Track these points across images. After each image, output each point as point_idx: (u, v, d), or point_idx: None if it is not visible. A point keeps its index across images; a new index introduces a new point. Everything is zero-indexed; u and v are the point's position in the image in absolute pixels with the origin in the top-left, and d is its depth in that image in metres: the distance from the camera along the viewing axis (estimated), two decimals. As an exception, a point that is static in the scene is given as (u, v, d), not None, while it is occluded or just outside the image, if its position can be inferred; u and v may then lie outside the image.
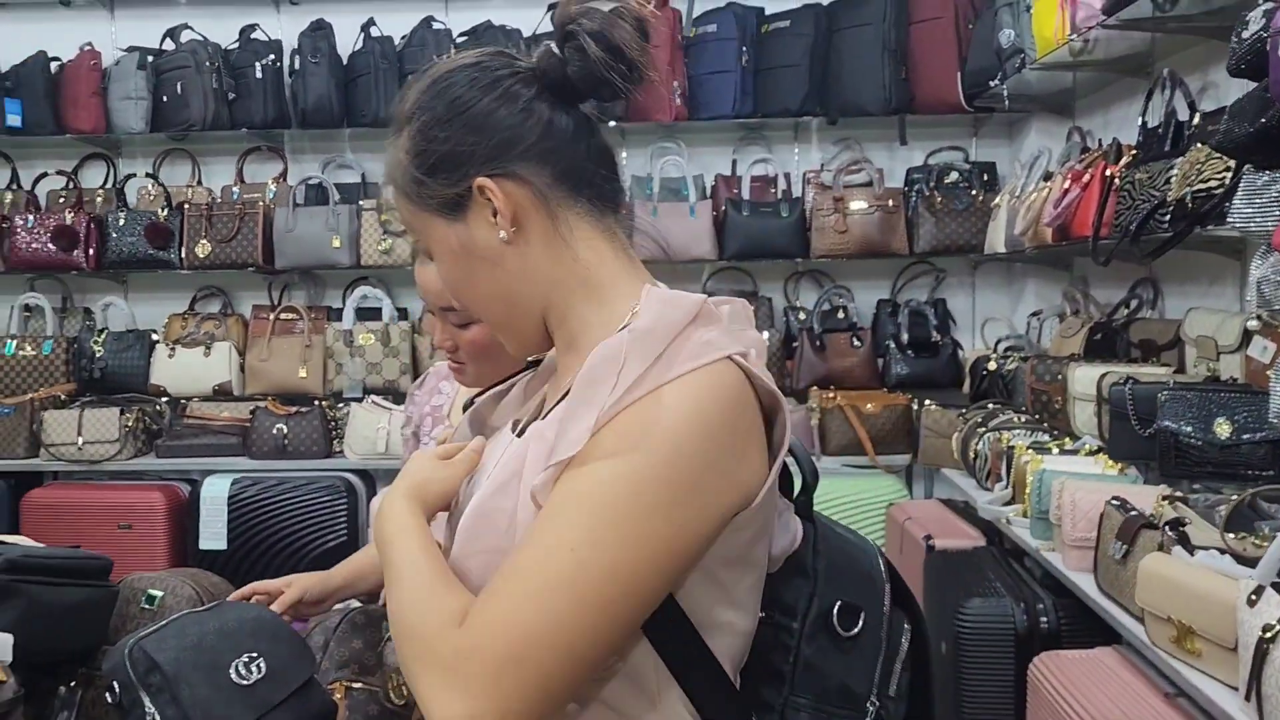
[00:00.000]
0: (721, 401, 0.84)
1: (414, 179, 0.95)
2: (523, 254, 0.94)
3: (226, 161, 4.27)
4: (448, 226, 0.95)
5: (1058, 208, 2.79)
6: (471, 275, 0.96)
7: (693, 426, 0.82)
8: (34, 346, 4.04)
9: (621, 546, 0.79)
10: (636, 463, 0.80)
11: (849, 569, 0.93)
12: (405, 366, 3.94)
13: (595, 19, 0.89)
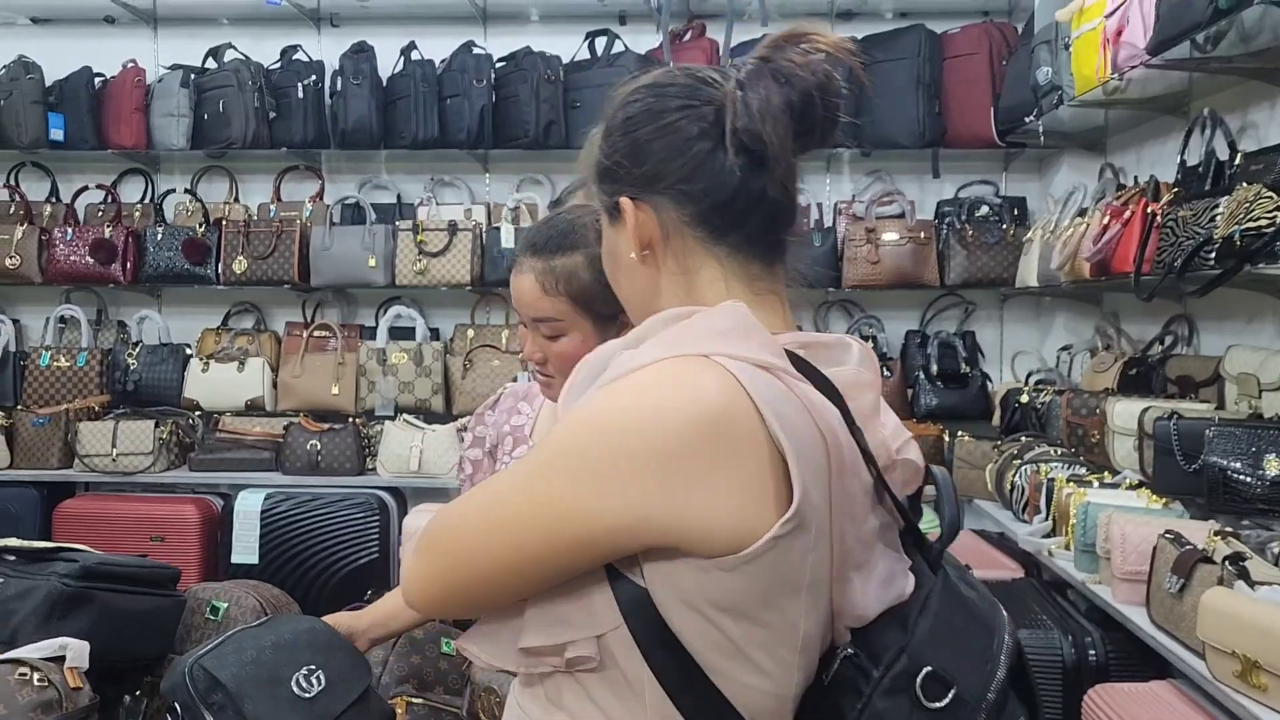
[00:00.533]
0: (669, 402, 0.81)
1: (595, 173, 1.00)
2: (650, 274, 0.98)
3: (263, 179, 4.31)
4: (607, 225, 1.01)
5: (1098, 243, 2.82)
6: (615, 273, 1.02)
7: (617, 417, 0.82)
8: (69, 358, 4.07)
9: (522, 492, 0.86)
10: (559, 430, 0.85)
11: (957, 638, 0.85)
12: (437, 386, 3.97)
13: (785, 77, 0.89)
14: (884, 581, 0.87)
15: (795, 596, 0.82)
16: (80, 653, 1.47)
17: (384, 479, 3.78)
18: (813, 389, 0.85)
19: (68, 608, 1.53)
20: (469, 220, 4.03)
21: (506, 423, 1.68)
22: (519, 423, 1.68)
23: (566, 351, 1.52)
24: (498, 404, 1.73)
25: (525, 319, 1.56)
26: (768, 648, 0.82)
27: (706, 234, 0.95)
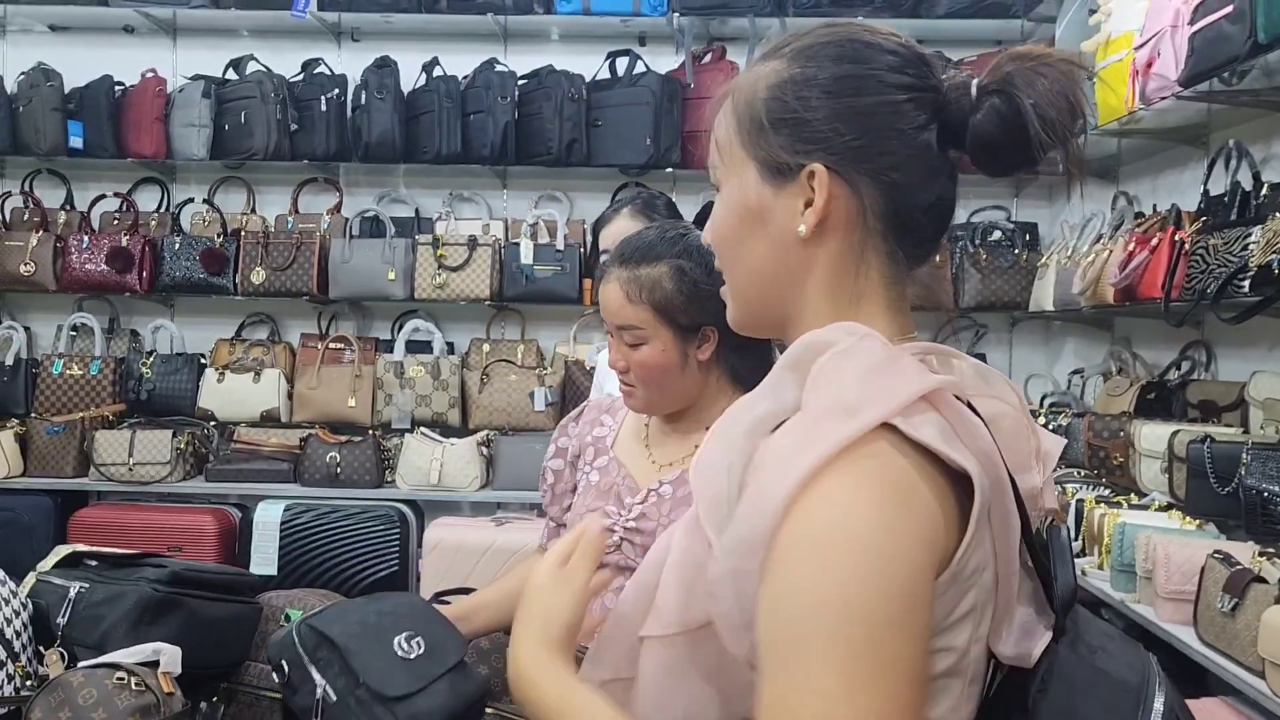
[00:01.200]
0: (886, 552, 0.71)
1: (757, 118, 0.85)
2: (808, 256, 0.85)
3: (281, 191, 4.32)
4: (758, 182, 0.86)
5: (1124, 270, 2.88)
6: (746, 239, 0.87)
7: (856, 589, 0.71)
8: (81, 366, 4.05)
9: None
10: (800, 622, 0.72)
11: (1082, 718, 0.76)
12: (454, 400, 3.98)
13: (1033, 92, 0.80)
14: (1024, 631, 0.80)
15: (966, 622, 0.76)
16: (174, 658, 1.48)
17: (403, 492, 3.79)
18: (971, 415, 0.78)
19: (157, 613, 1.53)
20: (488, 235, 4.06)
21: (589, 434, 1.71)
22: (601, 434, 1.71)
23: (646, 360, 1.56)
24: (581, 416, 1.76)
25: (610, 327, 1.60)
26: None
27: (887, 231, 0.84)
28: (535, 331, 4.24)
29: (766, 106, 0.85)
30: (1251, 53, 2.29)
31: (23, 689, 1.47)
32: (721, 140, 0.89)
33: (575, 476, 1.70)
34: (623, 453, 1.66)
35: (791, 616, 0.68)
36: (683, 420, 1.66)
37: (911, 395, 0.73)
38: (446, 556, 3.28)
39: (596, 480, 1.67)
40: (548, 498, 1.73)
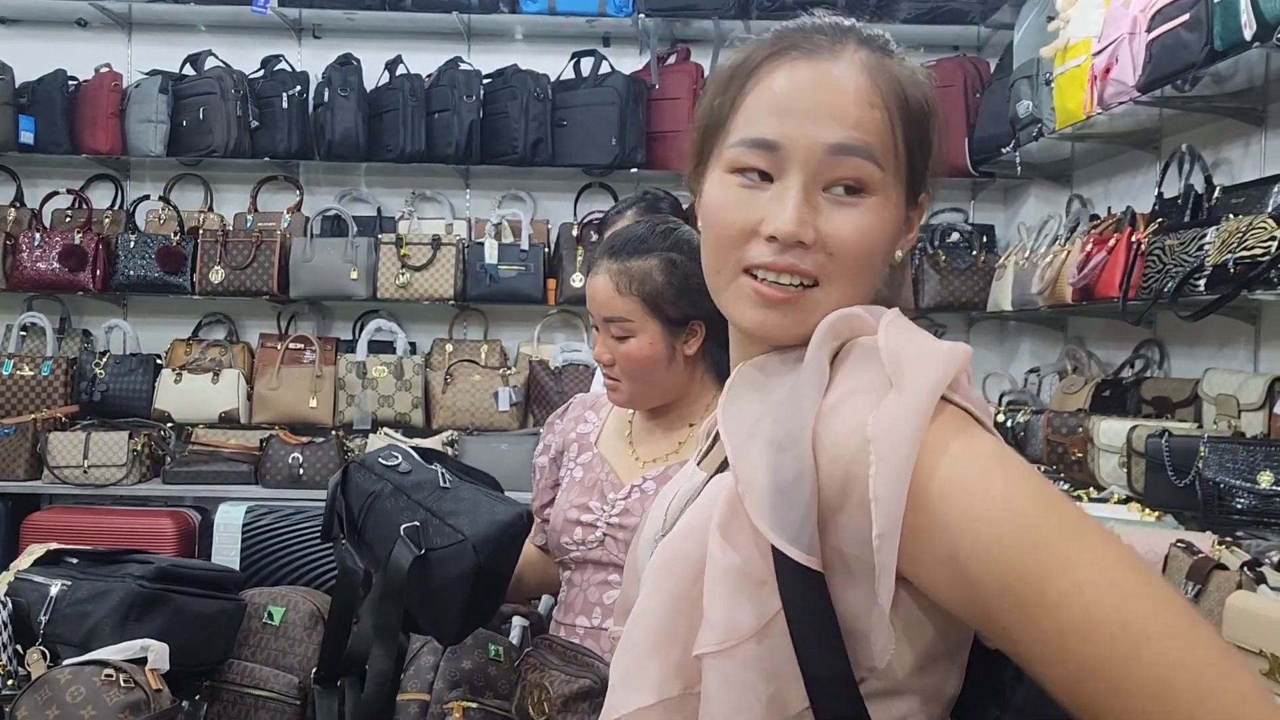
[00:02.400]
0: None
1: (930, 136, 0.85)
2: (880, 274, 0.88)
3: (239, 189, 4.26)
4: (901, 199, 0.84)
5: (1082, 270, 2.96)
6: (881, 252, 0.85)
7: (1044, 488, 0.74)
8: (32, 367, 3.96)
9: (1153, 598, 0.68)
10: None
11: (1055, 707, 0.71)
12: (417, 400, 3.96)
13: None
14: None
15: None
16: (161, 654, 1.46)
17: (367, 492, 3.75)
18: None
19: (144, 610, 1.51)
20: (451, 235, 4.04)
21: (573, 430, 1.72)
22: (585, 430, 1.72)
23: (633, 353, 1.57)
24: (566, 412, 1.77)
25: (597, 320, 1.61)
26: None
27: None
28: (499, 332, 4.23)
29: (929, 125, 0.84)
30: (1208, 60, 2.37)
31: (3, 689, 1.45)
32: (894, 143, 0.81)
33: (559, 473, 1.71)
34: (606, 449, 1.67)
35: (1030, 521, 0.67)
36: (666, 416, 1.68)
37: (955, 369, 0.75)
38: (413, 557, 3.26)
39: (580, 476, 1.68)
40: (533, 493, 1.75)
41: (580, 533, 1.60)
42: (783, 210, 0.78)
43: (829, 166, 0.79)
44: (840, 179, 0.79)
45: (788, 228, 0.78)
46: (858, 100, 0.79)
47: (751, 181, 0.81)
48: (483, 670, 1.84)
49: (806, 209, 0.78)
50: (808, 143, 0.78)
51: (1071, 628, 0.64)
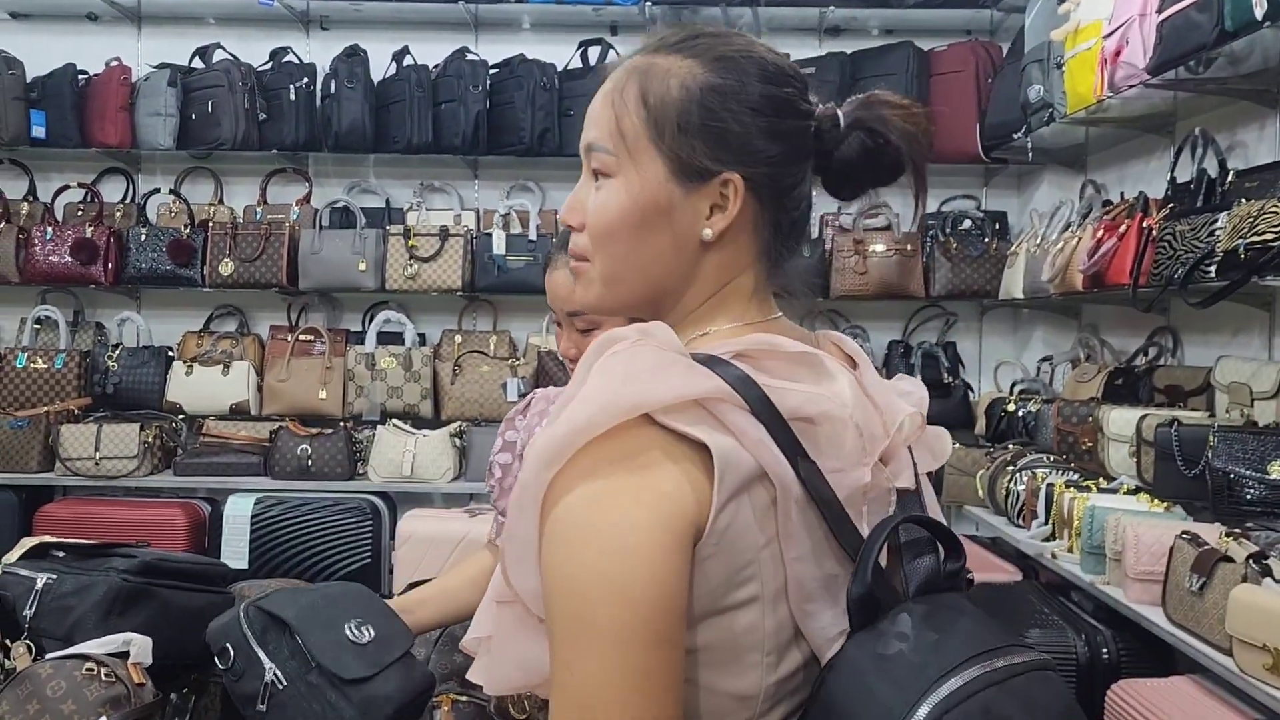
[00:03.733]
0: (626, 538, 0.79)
1: (673, 118, 0.86)
2: (703, 256, 0.89)
3: (248, 182, 4.27)
4: (666, 180, 0.87)
5: (1093, 257, 2.91)
6: (644, 233, 0.89)
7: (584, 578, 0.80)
8: (46, 360, 3.99)
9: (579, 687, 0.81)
10: (550, 595, 0.83)
11: (846, 711, 0.77)
12: (426, 391, 3.96)
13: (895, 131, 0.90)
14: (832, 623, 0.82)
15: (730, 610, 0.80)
16: (144, 648, 1.46)
17: (375, 484, 3.76)
18: (747, 419, 0.80)
19: (128, 604, 1.51)
20: (459, 226, 4.04)
21: (537, 425, 1.68)
22: None
23: None
24: (529, 408, 1.72)
25: (561, 315, 1.59)
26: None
27: (771, 236, 0.90)
28: (507, 322, 4.22)
29: (687, 109, 0.87)
30: (1219, 40, 2.32)
31: (-11, 682, 1.45)
32: (625, 129, 0.88)
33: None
34: None
35: (547, 596, 0.78)
36: None
37: (666, 398, 0.78)
38: (420, 548, 3.25)
39: None
40: (495, 492, 1.71)
41: None
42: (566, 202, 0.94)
43: (587, 162, 0.92)
44: (594, 170, 0.91)
45: (561, 214, 0.96)
46: (599, 103, 0.91)
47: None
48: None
49: (579, 199, 0.92)
50: (581, 146, 0.93)
51: (566, 700, 0.77)
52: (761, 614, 0.80)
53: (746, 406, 0.79)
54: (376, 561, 3.56)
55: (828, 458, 0.82)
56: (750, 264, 0.90)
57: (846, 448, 0.83)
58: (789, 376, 0.84)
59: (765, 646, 0.80)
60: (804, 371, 0.86)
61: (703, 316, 0.91)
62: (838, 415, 0.83)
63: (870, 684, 0.76)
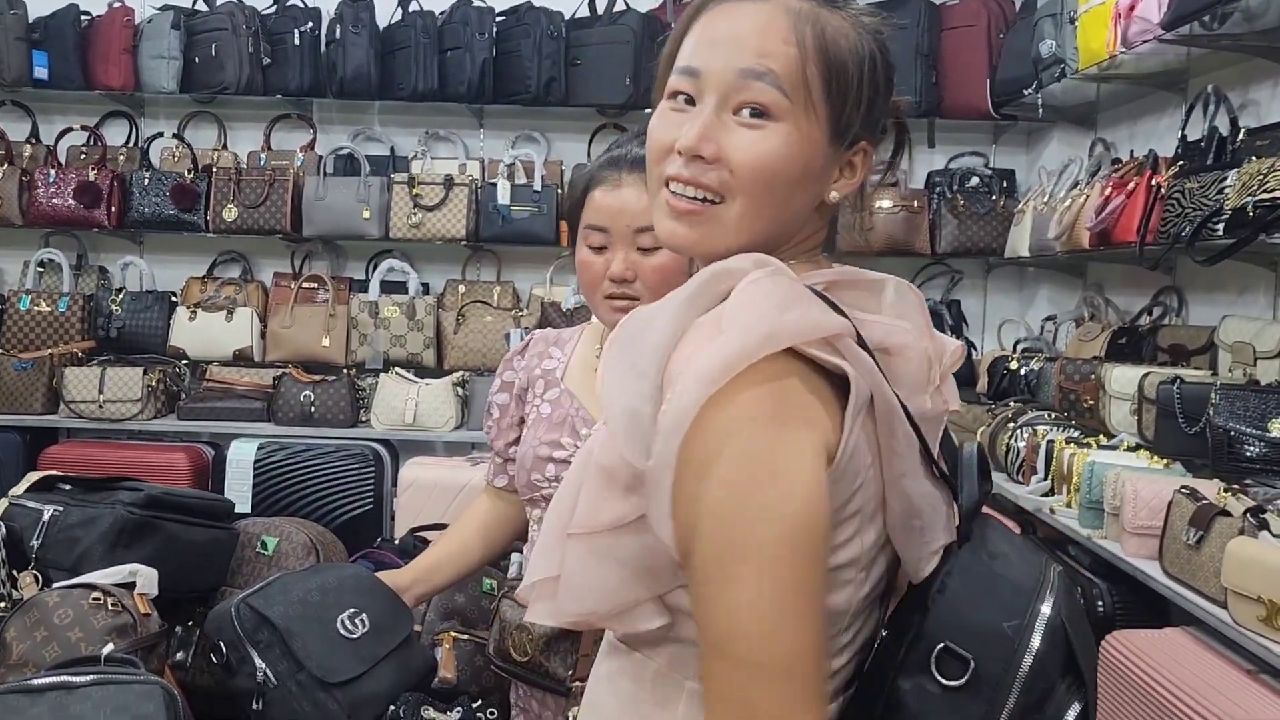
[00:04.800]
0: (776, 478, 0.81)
1: (847, 77, 0.87)
2: (817, 214, 0.91)
3: (253, 127, 4.25)
4: (823, 138, 0.87)
5: (1100, 214, 2.90)
6: (795, 186, 0.87)
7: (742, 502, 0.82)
8: (49, 303, 3.99)
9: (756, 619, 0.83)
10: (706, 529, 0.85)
11: (977, 614, 0.82)
12: (429, 340, 3.96)
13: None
14: (925, 539, 0.87)
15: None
16: (150, 580, 1.47)
17: (377, 431, 3.78)
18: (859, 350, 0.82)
19: (134, 536, 1.53)
20: (464, 175, 4.02)
21: (538, 367, 1.67)
22: (550, 366, 1.66)
23: (663, 266, 1.47)
24: (527, 349, 1.71)
25: (621, 231, 1.50)
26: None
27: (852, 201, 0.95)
28: (511, 273, 4.21)
29: (858, 73, 0.87)
30: (1235, -7, 2.29)
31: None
32: (809, 76, 0.86)
33: (523, 410, 1.66)
34: (574, 384, 1.62)
35: (689, 528, 0.77)
36: None
37: (815, 333, 0.79)
38: (421, 495, 3.27)
39: (549, 413, 1.62)
40: (493, 433, 1.70)
41: (553, 469, 1.57)
42: (692, 127, 0.86)
43: (738, 89, 0.86)
44: (747, 102, 0.85)
45: (687, 141, 0.86)
46: (772, 35, 0.86)
47: (679, 106, 0.88)
48: (475, 603, 1.86)
49: (713, 127, 0.86)
50: (720, 67, 0.86)
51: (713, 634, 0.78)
52: (859, 530, 0.83)
53: (855, 338, 0.82)
54: (378, 508, 3.59)
55: (901, 385, 0.85)
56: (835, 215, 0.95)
57: (916, 377, 0.87)
58: (867, 308, 0.87)
59: (861, 562, 0.84)
60: (878, 302, 0.89)
61: (771, 253, 0.90)
62: (914, 346, 0.87)
63: (992, 587, 0.83)
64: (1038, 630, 0.81)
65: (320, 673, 1.44)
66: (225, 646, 1.47)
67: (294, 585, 1.57)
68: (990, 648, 0.80)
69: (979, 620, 0.81)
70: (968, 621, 0.82)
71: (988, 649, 0.80)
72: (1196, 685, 1.65)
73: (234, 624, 1.48)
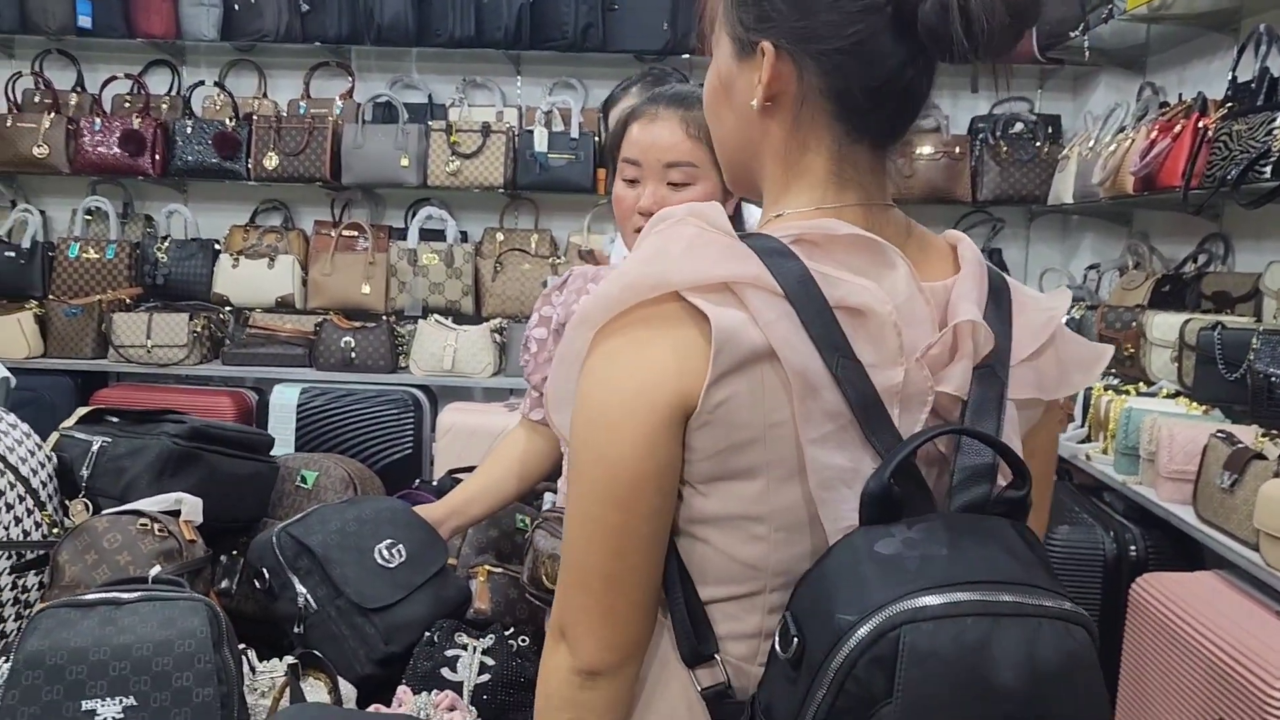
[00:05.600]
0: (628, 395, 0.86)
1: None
2: (764, 128, 0.89)
3: (292, 75, 4.27)
4: (729, 56, 0.90)
5: (1145, 158, 2.84)
6: (720, 109, 0.93)
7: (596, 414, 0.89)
8: (97, 250, 4.07)
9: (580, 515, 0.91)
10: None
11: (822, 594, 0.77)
12: (467, 288, 3.99)
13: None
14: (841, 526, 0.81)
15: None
16: (195, 508, 1.52)
17: (417, 377, 3.83)
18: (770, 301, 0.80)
19: (178, 466, 1.57)
20: (501, 123, 4.02)
21: (575, 302, 1.68)
22: None
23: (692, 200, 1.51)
24: (565, 285, 1.73)
25: (653, 165, 1.52)
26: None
27: (838, 110, 0.85)
28: (549, 221, 4.22)
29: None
30: (1289, -74, 2.22)
31: (49, 535, 1.52)
32: (710, 11, 0.93)
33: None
34: None
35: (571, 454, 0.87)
36: None
37: (692, 279, 0.81)
38: (460, 440, 3.33)
39: None
40: (529, 366, 1.73)
41: None
42: None
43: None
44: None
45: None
46: None
47: None
48: (509, 539, 1.89)
49: None
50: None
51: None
52: (767, 488, 0.82)
53: (780, 291, 0.79)
54: (418, 452, 3.65)
55: (866, 351, 0.81)
56: (820, 143, 0.87)
57: (885, 344, 0.82)
58: (846, 265, 0.82)
59: (773, 521, 0.83)
60: (862, 259, 0.83)
61: (779, 198, 0.90)
62: (877, 310, 0.81)
63: (853, 576, 0.75)
64: (863, 632, 0.71)
65: (358, 598, 1.48)
66: (268, 573, 1.53)
67: (333, 516, 1.61)
68: (818, 632, 0.75)
69: (822, 602, 0.76)
70: (813, 601, 0.77)
71: (816, 632, 0.75)
72: (1227, 627, 1.65)
73: (275, 551, 1.53)
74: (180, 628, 1.10)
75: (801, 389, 0.79)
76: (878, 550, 0.75)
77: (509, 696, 1.47)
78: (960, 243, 0.93)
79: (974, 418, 0.84)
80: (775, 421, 0.81)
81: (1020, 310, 0.90)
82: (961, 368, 0.84)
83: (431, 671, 1.46)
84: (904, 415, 0.82)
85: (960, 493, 0.81)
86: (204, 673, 1.08)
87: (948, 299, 0.86)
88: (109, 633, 1.09)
